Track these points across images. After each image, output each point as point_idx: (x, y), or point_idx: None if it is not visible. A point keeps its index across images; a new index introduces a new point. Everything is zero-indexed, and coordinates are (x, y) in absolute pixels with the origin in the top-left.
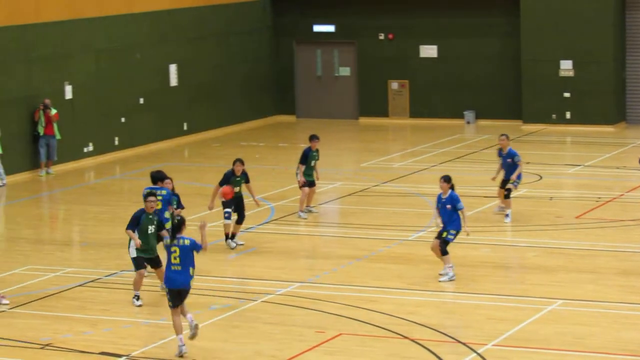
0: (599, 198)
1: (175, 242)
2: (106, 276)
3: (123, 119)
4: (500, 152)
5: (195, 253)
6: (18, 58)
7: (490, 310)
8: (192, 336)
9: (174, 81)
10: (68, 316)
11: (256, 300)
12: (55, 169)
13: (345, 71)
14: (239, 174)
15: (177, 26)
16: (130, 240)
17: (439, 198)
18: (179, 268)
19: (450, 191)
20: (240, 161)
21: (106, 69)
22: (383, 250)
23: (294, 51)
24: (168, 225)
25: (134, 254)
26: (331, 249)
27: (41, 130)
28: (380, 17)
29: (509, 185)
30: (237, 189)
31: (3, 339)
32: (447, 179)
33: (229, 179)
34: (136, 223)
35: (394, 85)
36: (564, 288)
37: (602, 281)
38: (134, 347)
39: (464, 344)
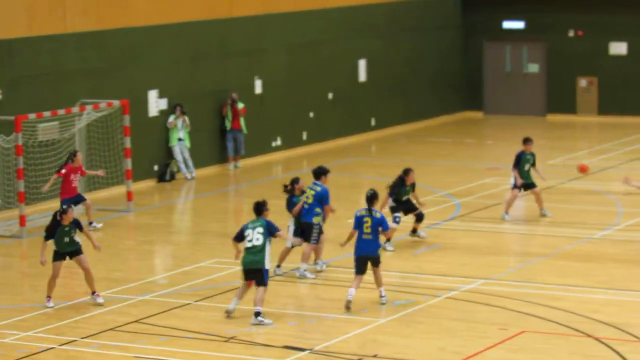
0: None
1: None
2: (291, 270)
3: (311, 114)
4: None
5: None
6: (211, 52)
7: None
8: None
9: (362, 76)
10: (252, 309)
11: (440, 297)
12: (243, 162)
13: (533, 68)
14: (409, 183)
15: (367, 21)
16: None
17: None
18: (370, 237)
19: None
20: (412, 170)
21: (296, 63)
22: (568, 248)
23: (483, 47)
24: (316, 219)
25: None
26: (516, 246)
27: (228, 125)
28: (569, 14)
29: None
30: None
31: (189, 331)
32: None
33: (399, 191)
34: None
35: (583, 82)
36: None
37: None
38: (317, 342)
39: None
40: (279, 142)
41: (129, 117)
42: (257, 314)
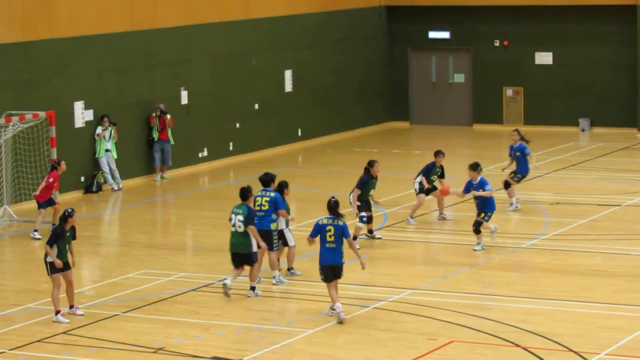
0: None
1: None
2: (219, 281)
3: (238, 124)
4: (511, 146)
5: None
6: (136, 63)
7: (602, 319)
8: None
9: (289, 87)
10: (181, 320)
11: (368, 307)
12: (170, 173)
13: (459, 78)
14: (375, 175)
15: (293, 32)
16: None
17: (470, 184)
18: (334, 246)
19: (480, 177)
20: (376, 162)
21: (222, 74)
22: (495, 258)
23: (408, 57)
24: (274, 225)
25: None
26: (443, 256)
27: (156, 135)
28: (495, 24)
29: (509, 179)
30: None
31: (116, 342)
32: (474, 167)
33: (366, 182)
34: None
35: (509, 92)
36: None
37: None
38: (245, 352)
39: (576, 352)
40: (205, 152)
41: (55, 129)
42: (252, 288)
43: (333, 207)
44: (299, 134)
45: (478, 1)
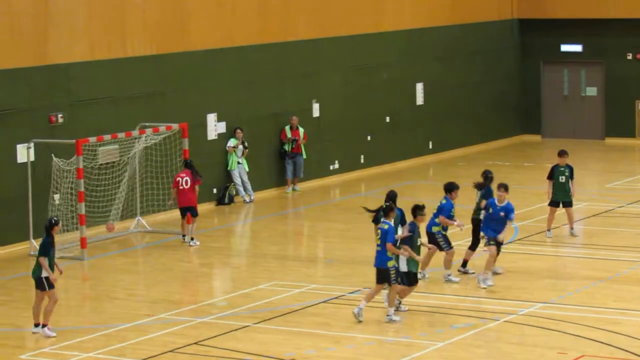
0: None
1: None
2: (350, 293)
3: (369, 137)
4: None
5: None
6: (269, 76)
7: None
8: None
9: (420, 100)
10: (311, 332)
11: (498, 320)
12: (301, 186)
13: (592, 91)
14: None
15: (425, 45)
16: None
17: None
18: (379, 249)
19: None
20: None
21: (353, 87)
22: (627, 272)
23: (540, 71)
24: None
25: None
26: (574, 270)
27: (288, 148)
28: (628, 37)
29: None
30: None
31: (247, 353)
32: (506, 188)
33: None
34: None
35: None
36: None
37: None
38: None
39: None
40: (336, 165)
41: (187, 141)
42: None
43: (383, 210)
44: (430, 146)
45: (610, 14)
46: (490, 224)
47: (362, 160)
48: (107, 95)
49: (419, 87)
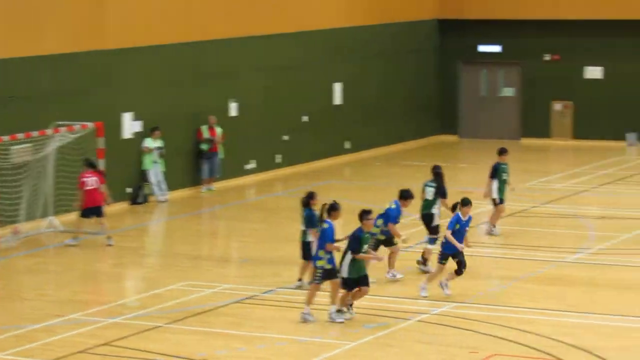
0: None
1: None
2: (263, 293)
3: (286, 137)
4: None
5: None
6: (186, 75)
7: None
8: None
9: (338, 100)
10: (224, 332)
11: (411, 320)
12: (217, 185)
13: (509, 92)
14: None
15: (344, 45)
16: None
17: (460, 220)
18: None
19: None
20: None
21: (271, 87)
22: (542, 272)
23: (458, 71)
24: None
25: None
26: (488, 270)
27: (205, 148)
28: (545, 38)
29: None
30: None
31: (159, 354)
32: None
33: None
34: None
35: (558, 106)
36: None
37: None
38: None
39: None
40: (253, 165)
41: (103, 140)
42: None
43: (327, 209)
44: (348, 146)
45: (528, 15)
46: (457, 238)
47: (278, 160)
48: (21, 94)
49: (337, 87)
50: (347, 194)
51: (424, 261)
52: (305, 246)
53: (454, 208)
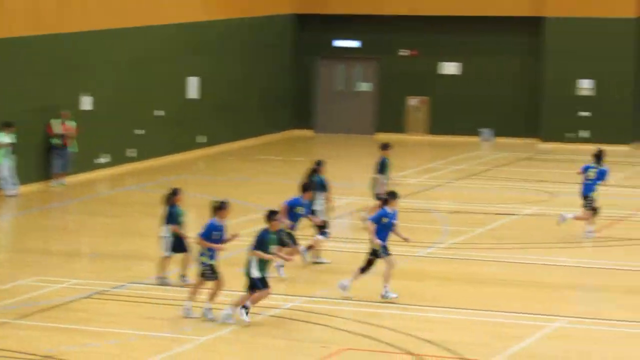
0: (610, 216)
1: None
2: (113, 288)
3: (140, 131)
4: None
5: None
6: (38, 68)
7: (497, 327)
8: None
9: (194, 94)
10: (73, 328)
11: (262, 315)
12: (68, 179)
13: (366, 87)
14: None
15: (201, 38)
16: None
17: (388, 214)
18: None
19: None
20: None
21: (126, 81)
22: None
23: (316, 66)
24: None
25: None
26: (340, 265)
27: (56, 142)
28: (403, 34)
29: None
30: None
31: (5, 350)
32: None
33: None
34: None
35: (413, 101)
36: (571, 305)
37: (608, 299)
38: None
39: None
40: (106, 159)
41: None
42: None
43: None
44: (202, 140)
45: (388, 11)
46: (383, 233)
47: (132, 154)
48: None
49: (193, 81)
50: (201, 188)
51: (308, 248)
52: (177, 241)
53: (384, 202)
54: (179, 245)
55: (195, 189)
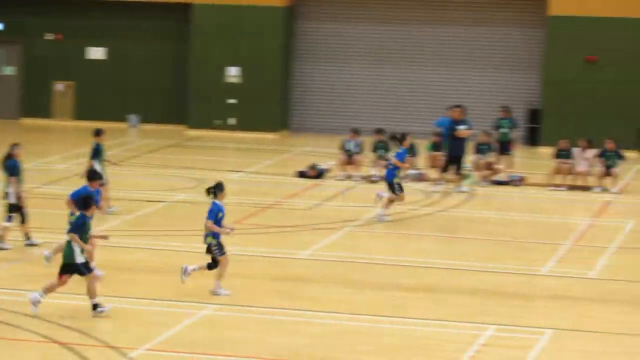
0: (258, 204)
1: None
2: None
3: None
4: None
5: None
6: None
7: (146, 315)
8: None
9: None
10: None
11: None
12: None
13: (10, 70)
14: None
15: None
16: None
17: (221, 208)
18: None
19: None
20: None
21: None
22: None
23: None
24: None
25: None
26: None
27: None
28: (48, 17)
29: None
30: None
31: None
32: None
33: None
34: None
35: (59, 86)
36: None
37: (256, 286)
38: None
39: (114, 347)
40: None
41: None
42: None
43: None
44: None
45: None
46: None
47: None
48: None
49: None
50: None
51: None
52: None
53: (211, 194)
54: None
55: None
